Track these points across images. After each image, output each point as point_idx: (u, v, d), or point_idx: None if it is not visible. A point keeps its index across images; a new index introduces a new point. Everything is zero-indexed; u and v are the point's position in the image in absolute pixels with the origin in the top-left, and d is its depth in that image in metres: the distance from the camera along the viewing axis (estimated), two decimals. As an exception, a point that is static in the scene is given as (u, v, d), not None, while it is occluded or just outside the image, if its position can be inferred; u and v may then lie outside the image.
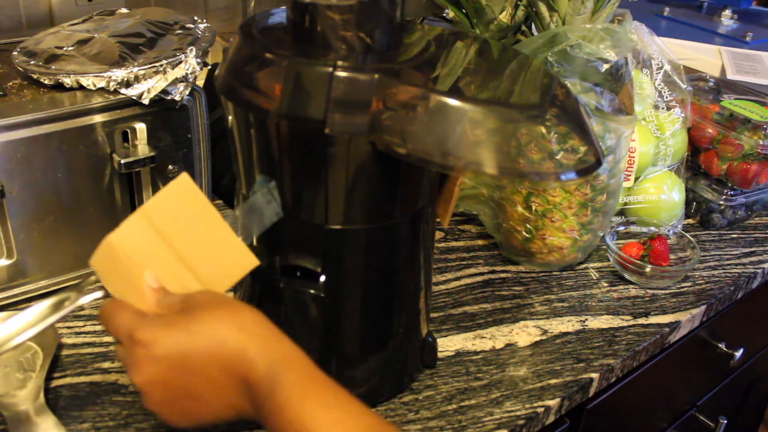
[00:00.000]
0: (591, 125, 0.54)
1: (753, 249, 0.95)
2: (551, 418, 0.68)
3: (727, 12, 1.57)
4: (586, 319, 0.78)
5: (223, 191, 0.91)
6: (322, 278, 0.57)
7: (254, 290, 0.61)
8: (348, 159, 0.51)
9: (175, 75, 0.70)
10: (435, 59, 0.54)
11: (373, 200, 0.55)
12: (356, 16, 0.50)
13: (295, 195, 0.54)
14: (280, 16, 0.58)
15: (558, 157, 0.50)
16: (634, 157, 0.92)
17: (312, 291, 0.57)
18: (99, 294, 0.51)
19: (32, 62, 0.71)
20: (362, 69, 0.48)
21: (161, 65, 0.70)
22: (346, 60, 0.49)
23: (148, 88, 0.69)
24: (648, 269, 0.84)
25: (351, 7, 0.49)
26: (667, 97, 0.97)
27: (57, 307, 0.51)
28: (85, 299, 0.51)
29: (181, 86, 0.71)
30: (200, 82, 0.79)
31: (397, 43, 0.54)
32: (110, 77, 0.68)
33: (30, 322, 0.50)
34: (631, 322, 0.79)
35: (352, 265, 0.58)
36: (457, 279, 0.83)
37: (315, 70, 0.48)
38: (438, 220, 0.63)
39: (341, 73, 0.48)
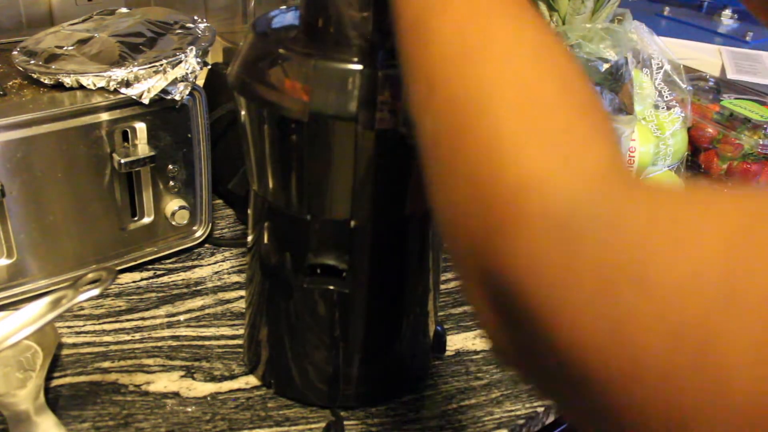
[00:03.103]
0: None
1: (753, 249, 0.95)
2: (551, 418, 0.68)
3: (727, 12, 1.57)
4: (587, 319, 0.78)
5: (225, 191, 0.91)
6: (344, 275, 0.57)
7: (272, 289, 0.61)
8: (375, 155, 0.51)
9: (175, 75, 0.70)
10: None
11: (397, 194, 0.55)
12: (374, 13, 0.50)
13: (319, 193, 0.54)
14: (282, 16, 0.58)
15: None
16: (634, 156, 0.92)
17: (335, 288, 0.57)
18: (96, 292, 0.51)
19: (32, 62, 0.71)
20: (390, 66, 0.48)
21: (161, 65, 0.70)
22: (366, 57, 0.49)
23: (148, 88, 0.69)
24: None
25: (370, 5, 0.50)
26: (667, 97, 0.97)
27: (54, 305, 0.51)
28: (82, 297, 0.51)
29: (181, 86, 0.71)
30: (200, 82, 0.79)
31: None
32: (110, 77, 0.68)
33: (27, 320, 0.50)
34: (632, 322, 0.78)
35: (375, 261, 0.58)
36: (458, 278, 0.83)
37: (344, 69, 0.48)
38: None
39: (371, 71, 0.48)
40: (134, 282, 0.78)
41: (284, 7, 0.60)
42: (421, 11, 0.35)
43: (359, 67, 0.48)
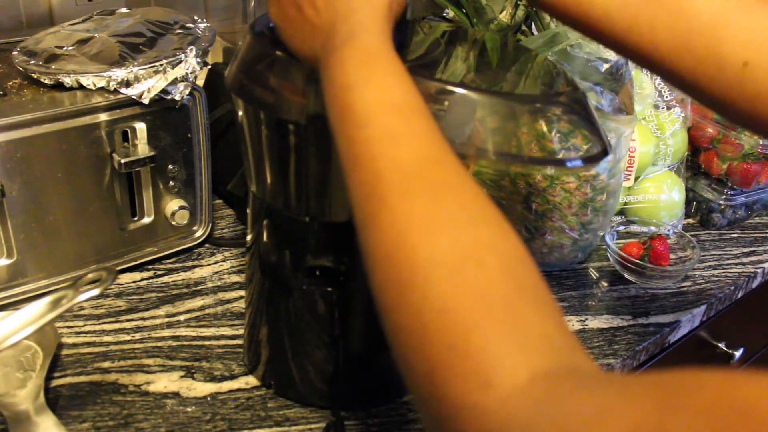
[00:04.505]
0: (598, 117, 0.54)
1: (753, 249, 0.95)
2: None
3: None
4: (586, 319, 0.78)
5: (225, 191, 0.91)
6: (342, 278, 0.57)
7: (272, 289, 0.61)
8: None
9: (175, 74, 0.70)
10: (444, 56, 0.55)
11: None
12: None
13: (317, 195, 0.54)
14: None
15: (559, 156, 0.50)
16: (634, 156, 0.92)
17: (334, 289, 0.57)
18: (96, 292, 0.51)
19: (32, 62, 0.71)
20: None
21: (161, 65, 0.70)
22: None
23: (148, 88, 0.69)
24: (648, 269, 0.84)
25: None
26: (667, 97, 0.97)
27: (54, 305, 0.51)
28: (82, 297, 0.51)
29: (181, 86, 0.71)
30: (200, 82, 0.79)
31: (408, 42, 0.55)
32: (110, 77, 0.68)
33: (27, 320, 0.50)
34: (631, 322, 0.79)
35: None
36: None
37: None
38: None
39: None
40: (134, 282, 0.78)
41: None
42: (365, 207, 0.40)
43: None
